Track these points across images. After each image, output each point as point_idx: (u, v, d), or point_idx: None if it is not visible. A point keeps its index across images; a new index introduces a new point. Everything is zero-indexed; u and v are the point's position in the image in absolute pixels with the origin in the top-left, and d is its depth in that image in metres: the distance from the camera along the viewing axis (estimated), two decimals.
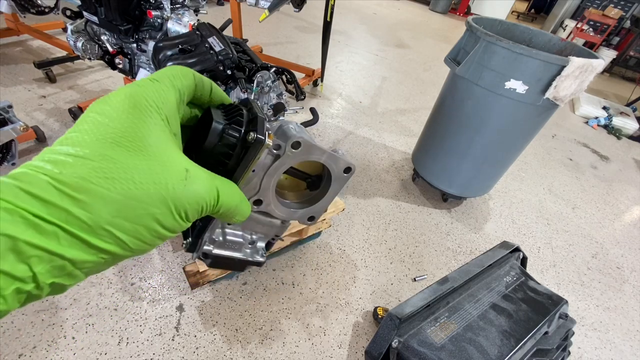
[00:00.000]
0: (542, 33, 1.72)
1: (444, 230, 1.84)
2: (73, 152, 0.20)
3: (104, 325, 1.14)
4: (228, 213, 0.28)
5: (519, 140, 1.63)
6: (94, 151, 0.20)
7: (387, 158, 2.28)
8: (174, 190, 0.22)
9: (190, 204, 0.23)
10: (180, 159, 0.24)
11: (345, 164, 0.37)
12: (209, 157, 0.28)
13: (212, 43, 1.17)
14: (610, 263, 1.91)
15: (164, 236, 0.23)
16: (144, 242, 0.22)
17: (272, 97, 1.34)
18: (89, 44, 1.48)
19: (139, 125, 0.22)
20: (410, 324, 0.70)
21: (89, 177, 0.19)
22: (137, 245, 0.21)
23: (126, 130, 0.21)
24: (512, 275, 0.90)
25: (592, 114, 3.73)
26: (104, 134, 0.21)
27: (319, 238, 1.61)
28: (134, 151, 0.21)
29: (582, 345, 1.46)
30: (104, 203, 0.19)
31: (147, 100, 0.23)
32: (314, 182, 0.38)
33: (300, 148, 0.32)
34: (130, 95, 0.23)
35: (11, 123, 1.37)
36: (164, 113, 0.24)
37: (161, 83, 0.25)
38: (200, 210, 0.24)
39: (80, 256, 0.19)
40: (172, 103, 0.25)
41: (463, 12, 7.39)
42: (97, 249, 0.20)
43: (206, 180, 0.25)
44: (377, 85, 3.28)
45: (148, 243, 0.22)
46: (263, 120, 0.28)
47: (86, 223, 0.19)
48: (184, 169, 0.23)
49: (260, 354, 1.17)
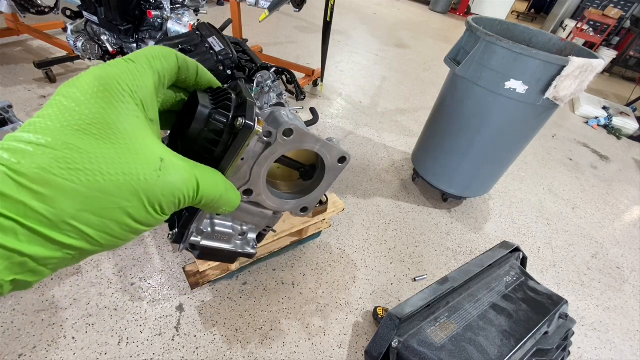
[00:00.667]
0: (542, 33, 1.72)
1: (444, 230, 1.84)
2: (34, 140, 0.18)
3: (104, 325, 1.14)
4: (212, 204, 0.26)
5: (519, 140, 1.63)
6: (57, 139, 0.18)
7: (387, 158, 2.28)
8: (146, 182, 0.20)
9: (165, 195, 0.21)
10: (155, 147, 0.22)
11: (339, 153, 0.35)
12: (194, 144, 0.26)
13: (212, 43, 1.17)
14: (610, 263, 1.91)
15: (137, 230, 0.21)
16: (114, 237, 0.20)
17: (272, 97, 1.34)
18: (89, 44, 1.48)
19: (108, 110, 0.20)
20: (410, 324, 0.70)
21: (50, 168, 0.17)
22: (107, 240, 0.20)
23: (94, 116, 0.20)
24: (512, 275, 0.90)
25: (592, 114, 3.73)
26: (69, 120, 0.19)
27: (319, 238, 1.61)
28: (102, 139, 0.19)
29: (582, 345, 1.46)
30: (67, 196, 0.18)
31: (120, 82, 0.21)
32: (307, 172, 0.37)
33: (293, 136, 0.31)
34: (100, 77, 0.21)
35: (11, 123, 1.37)
36: (139, 97, 0.22)
37: (137, 64, 0.23)
38: (178, 203, 0.23)
39: (42, 252, 0.18)
40: (149, 86, 0.23)
41: (463, 12, 7.39)
42: (60, 245, 0.18)
43: (184, 170, 0.23)
44: (377, 85, 3.28)
45: (120, 238, 0.21)
46: (253, 105, 0.27)
47: (47, 217, 0.17)
48: (159, 158, 0.22)
49: (260, 354, 1.17)
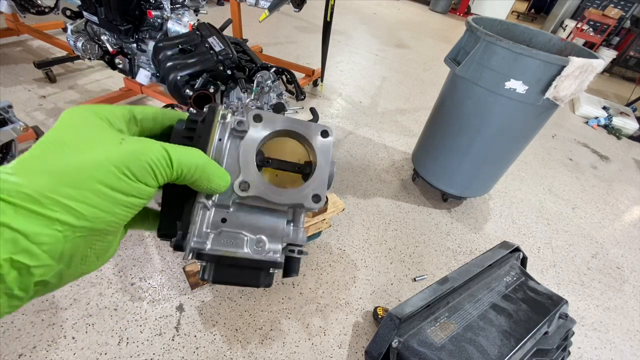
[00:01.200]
0: (542, 33, 1.72)
1: (444, 230, 1.84)
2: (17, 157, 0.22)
3: (104, 325, 1.14)
4: (197, 176, 0.26)
5: (519, 140, 1.63)
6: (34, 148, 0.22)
7: (387, 158, 2.28)
8: (109, 152, 0.22)
9: (131, 160, 0.23)
10: (117, 134, 0.24)
11: (318, 128, 0.35)
12: None
13: (212, 43, 1.17)
14: (610, 263, 1.91)
15: (118, 200, 0.22)
16: (97, 207, 0.21)
17: (272, 97, 1.34)
18: (89, 44, 1.48)
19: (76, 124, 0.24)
20: (410, 324, 0.70)
21: (26, 163, 0.21)
22: (90, 212, 0.21)
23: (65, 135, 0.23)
24: (512, 275, 0.90)
25: (592, 114, 3.73)
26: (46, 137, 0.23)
27: (319, 238, 1.61)
28: (68, 137, 0.23)
29: (582, 345, 1.46)
30: (42, 175, 0.20)
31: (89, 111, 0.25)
32: (306, 169, 0.36)
33: (263, 120, 0.33)
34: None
35: (11, 123, 1.37)
36: (104, 116, 0.25)
37: None
38: (150, 168, 0.24)
39: (29, 227, 0.19)
40: (116, 112, 0.27)
41: (463, 12, 7.39)
42: (46, 218, 0.19)
43: (148, 140, 0.25)
44: (377, 85, 3.28)
45: (103, 209, 0.22)
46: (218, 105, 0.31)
47: (28, 194, 0.19)
48: (120, 137, 0.24)
49: (260, 354, 1.17)
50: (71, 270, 0.23)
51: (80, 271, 0.25)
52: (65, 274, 0.23)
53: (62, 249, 0.20)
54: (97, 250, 0.25)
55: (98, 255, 0.25)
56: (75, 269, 0.24)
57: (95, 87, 2.28)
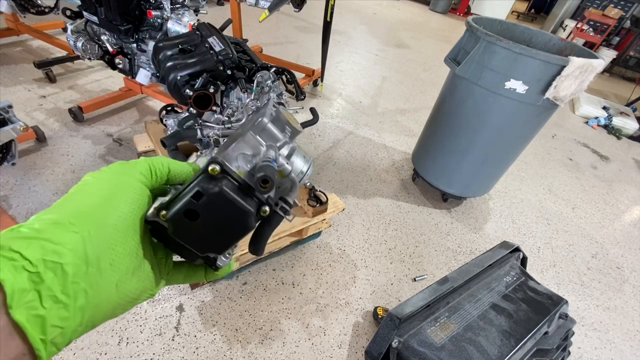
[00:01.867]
0: (542, 33, 1.72)
1: (444, 230, 1.84)
2: None
3: (103, 325, 1.14)
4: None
5: (519, 140, 1.63)
6: None
7: (387, 158, 2.28)
8: None
9: None
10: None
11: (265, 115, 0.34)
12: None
13: (212, 43, 1.17)
14: (610, 263, 1.91)
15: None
16: None
17: (272, 97, 1.33)
18: (89, 44, 1.48)
19: None
20: (410, 324, 0.70)
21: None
22: None
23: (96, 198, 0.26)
24: (512, 275, 0.90)
25: (592, 114, 3.73)
26: None
27: (319, 238, 1.61)
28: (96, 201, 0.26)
29: (582, 345, 1.46)
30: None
31: None
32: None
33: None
34: None
35: (11, 123, 1.37)
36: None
37: None
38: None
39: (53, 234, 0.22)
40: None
41: (463, 12, 7.38)
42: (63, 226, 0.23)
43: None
44: (377, 85, 3.28)
45: None
46: None
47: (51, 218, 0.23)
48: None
49: (260, 354, 1.17)
50: (104, 277, 0.24)
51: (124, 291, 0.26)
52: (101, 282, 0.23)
53: (84, 249, 0.22)
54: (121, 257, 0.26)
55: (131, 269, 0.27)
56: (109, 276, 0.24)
57: (95, 87, 2.28)
